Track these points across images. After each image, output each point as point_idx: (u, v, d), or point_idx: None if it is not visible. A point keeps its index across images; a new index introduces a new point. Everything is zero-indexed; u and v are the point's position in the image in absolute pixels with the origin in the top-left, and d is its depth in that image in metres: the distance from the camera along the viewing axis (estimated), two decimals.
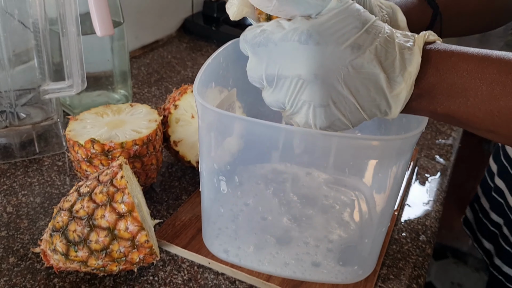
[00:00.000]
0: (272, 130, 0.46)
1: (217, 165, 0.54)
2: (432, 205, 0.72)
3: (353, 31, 0.40)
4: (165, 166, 0.74)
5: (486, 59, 0.39)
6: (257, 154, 0.64)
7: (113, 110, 0.67)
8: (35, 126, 0.73)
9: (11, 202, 0.65)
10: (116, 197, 0.51)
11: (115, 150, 0.59)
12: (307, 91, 0.41)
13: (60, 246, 0.51)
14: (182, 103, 0.68)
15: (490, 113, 0.39)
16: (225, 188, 0.54)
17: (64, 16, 0.65)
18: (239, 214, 0.59)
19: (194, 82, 0.51)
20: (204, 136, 0.52)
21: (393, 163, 0.49)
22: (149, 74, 1.04)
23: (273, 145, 0.49)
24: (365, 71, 0.40)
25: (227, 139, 0.55)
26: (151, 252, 0.52)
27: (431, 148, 0.86)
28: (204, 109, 0.48)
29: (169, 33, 1.24)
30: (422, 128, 0.46)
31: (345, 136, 0.44)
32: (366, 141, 0.47)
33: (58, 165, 0.73)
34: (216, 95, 0.59)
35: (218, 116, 0.49)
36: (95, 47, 0.82)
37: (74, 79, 0.68)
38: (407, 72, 0.40)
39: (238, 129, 0.50)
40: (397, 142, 0.46)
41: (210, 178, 0.54)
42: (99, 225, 0.50)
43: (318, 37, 0.39)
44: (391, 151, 0.47)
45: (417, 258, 0.62)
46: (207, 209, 0.58)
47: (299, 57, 0.40)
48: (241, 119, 0.49)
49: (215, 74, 0.58)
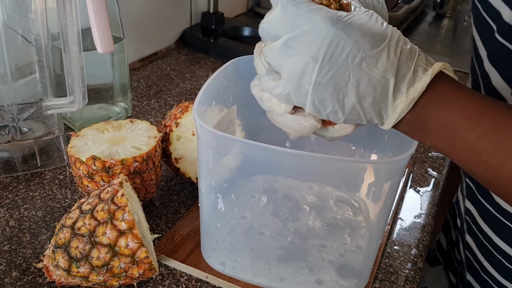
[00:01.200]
0: (268, 152, 0.48)
1: (214, 183, 0.55)
2: (424, 218, 0.74)
3: (378, 33, 0.41)
4: (164, 180, 0.76)
5: (483, 112, 0.40)
6: (254, 171, 0.66)
7: (114, 126, 0.69)
8: (37, 140, 0.75)
9: (13, 216, 0.67)
10: (117, 214, 0.52)
11: (116, 167, 0.61)
12: (310, 71, 0.41)
13: (63, 262, 0.52)
14: (184, 121, 0.69)
15: (471, 162, 0.41)
16: (222, 206, 0.56)
17: (66, 34, 0.67)
18: (236, 227, 0.61)
19: (194, 103, 0.53)
20: (203, 154, 0.54)
21: (384, 181, 0.51)
22: (148, 87, 1.06)
23: (269, 165, 0.51)
24: (377, 72, 0.40)
25: (225, 157, 0.57)
26: (150, 268, 0.54)
27: (423, 161, 0.87)
28: (203, 130, 0.50)
29: (168, 45, 1.26)
30: (412, 152, 0.47)
31: (338, 159, 0.46)
32: (359, 163, 0.49)
33: (59, 178, 0.75)
34: (216, 113, 0.61)
35: (215, 137, 0.51)
36: (95, 62, 0.84)
37: (76, 95, 0.70)
38: (413, 88, 0.41)
39: (235, 149, 0.52)
40: (387, 164, 0.48)
41: (208, 194, 0.56)
42: (100, 242, 0.52)
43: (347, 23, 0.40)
44: (382, 172, 0.49)
45: (409, 272, 0.64)
46: (205, 224, 0.59)
47: (319, 35, 0.40)
48: (238, 141, 0.51)
49: (216, 92, 0.60)
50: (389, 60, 0.40)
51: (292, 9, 0.42)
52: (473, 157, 0.41)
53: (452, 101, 0.41)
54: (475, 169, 0.42)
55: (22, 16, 0.68)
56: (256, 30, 1.52)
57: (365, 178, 0.50)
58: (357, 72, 0.40)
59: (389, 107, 0.42)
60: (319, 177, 0.62)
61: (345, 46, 0.40)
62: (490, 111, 0.41)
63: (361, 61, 0.40)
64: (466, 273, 0.71)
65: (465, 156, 0.42)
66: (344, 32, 0.40)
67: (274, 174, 0.67)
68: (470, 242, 0.67)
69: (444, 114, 0.41)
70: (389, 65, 0.40)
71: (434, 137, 0.42)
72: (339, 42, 0.40)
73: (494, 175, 0.41)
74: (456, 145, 0.41)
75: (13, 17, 0.67)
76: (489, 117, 0.40)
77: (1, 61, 0.69)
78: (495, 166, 0.40)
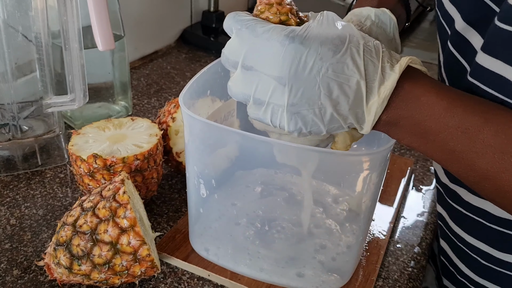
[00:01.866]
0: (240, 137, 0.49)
1: (197, 168, 0.56)
2: (427, 216, 0.74)
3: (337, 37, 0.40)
4: (165, 179, 0.76)
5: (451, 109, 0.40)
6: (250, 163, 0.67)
7: (115, 124, 0.68)
8: (37, 139, 0.74)
9: (14, 214, 0.66)
10: (119, 212, 0.52)
11: (117, 165, 0.61)
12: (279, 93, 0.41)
13: (64, 260, 0.52)
14: (179, 115, 0.69)
15: (445, 160, 0.42)
16: (204, 191, 0.57)
17: (67, 32, 0.66)
18: (224, 214, 0.62)
19: (183, 90, 0.54)
20: (188, 141, 0.55)
21: (370, 173, 0.51)
22: (148, 85, 1.05)
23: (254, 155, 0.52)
24: (344, 77, 0.40)
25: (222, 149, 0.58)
26: (152, 265, 0.54)
27: (426, 160, 0.87)
28: (187, 117, 0.52)
29: (168, 43, 1.25)
30: (391, 144, 0.48)
31: (320, 150, 0.47)
32: (343, 156, 0.50)
33: (60, 177, 0.74)
34: (208, 104, 0.62)
35: (198, 124, 0.52)
36: (96, 60, 0.84)
37: (77, 93, 0.70)
38: (383, 86, 0.40)
39: (227, 139, 0.53)
40: (367, 157, 0.49)
41: (192, 180, 0.57)
42: (102, 240, 0.51)
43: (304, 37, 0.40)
44: (363, 164, 0.50)
45: (412, 270, 0.63)
46: (192, 209, 0.60)
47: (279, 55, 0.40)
48: (222, 129, 0.52)
49: (212, 82, 0.60)
50: (354, 63, 0.40)
51: (247, 33, 0.42)
52: (446, 156, 0.41)
53: (420, 99, 0.41)
54: (450, 167, 0.43)
55: (22, 14, 0.67)
56: None
57: (351, 170, 0.51)
58: (326, 81, 0.40)
59: (365, 110, 0.41)
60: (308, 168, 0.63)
61: (307, 59, 0.40)
62: (459, 109, 0.40)
63: (327, 70, 0.40)
64: (443, 278, 0.71)
65: (439, 155, 0.42)
66: (303, 46, 0.40)
67: (271, 167, 0.67)
68: (445, 247, 0.67)
69: (414, 114, 0.41)
70: (355, 68, 0.40)
71: (408, 136, 0.42)
72: (301, 57, 0.40)
73: (467, 173, 0.41)
74: (429, 144, 0.42)
75: (14, 15, 0.67)
76: (457, 114, 0.40)
77: (2, 59, 0.68)
78: (467, 165, 0.41)
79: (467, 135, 0.40)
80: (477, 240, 0.58)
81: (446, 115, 0.40)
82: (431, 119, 0.41)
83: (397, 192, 0.76)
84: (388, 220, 0.70)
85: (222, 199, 0.62)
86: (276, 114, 0.42)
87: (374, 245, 0.65)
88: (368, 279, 0.59)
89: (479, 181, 0.41)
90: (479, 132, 0.39)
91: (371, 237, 0.67)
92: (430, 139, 0.41)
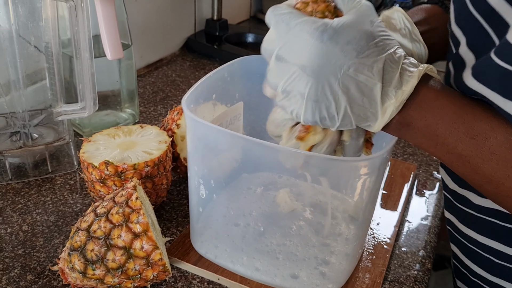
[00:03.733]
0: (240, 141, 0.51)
1: (197, 167, 0.58)
2: (431, 220, 0.75)
3: (363, 38, 0.42)
4: (173, 185, 0.77)
5: (461, 115, 0.43)
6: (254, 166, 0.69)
7: (124, 132, 0.70)
8: (48, 146, 0.76)
9: (26, 220, 0.68)
10: (132, 217, 0.53)
11: (128, 172, 0.62)
12: (303, 83, 0.43)
13: (78, 265, 0.53)
14: (183, 121, 0.71)
15: (452, 162, 0.44)
16: (203, 192, 0.59)
17: (78, 41, 0.68)
18: (223, 216, 0.63)
19: (187, 92, 0.56)
20: (190, 143, 0.57)
21: (364, 178, 0.52)
22: (154, 93, 1.07)
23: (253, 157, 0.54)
24: (364, 77, 0.42)
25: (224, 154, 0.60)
26: (164, 270, 0.55)
27: (429, 164, 0.88)
28: (189, 119, 0.54)
29: (173, 51, 1.27)
30: (387, 150, 0.50)
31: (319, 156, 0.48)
32: (340, 162, 0.51)
33: (70, 183, 0.76)
34: (209, 108, 0.64)
35: (200, 127, 0.54)
36: (103, 68, 0.85)
37: (87, 101, 0.71)
38: (401, 91, 0.43)
39: (228, 143, 0.55)
40: (364, 162, 0.51)
41: (192, 180, 0.59)
42: (116, 245, 0.53)
43: (333, 33, 0.42)
44: (360, 170, 0.52)
45: (418, 273, 0.64)
46: (193, 209, 0.62)
47: (307, 47, 0.42)
48: (218, 130, 0.53)
49: (217, 87, 0.62)
50: (375, 66, 0.42)
51: (283, 26, 0.44)
52: (453, 159, 0.44)
53: (434, 103, 0.44)
54: (456, 169, 0.45)
55: (34, 25, 0.69)
56: (259, 36, 1.53)
57: (351, 175, 0.53)
58: (346, 78, 0.42)
59: (379, 110, 0.43)
60: None
61: (333, 55, 0.42)
62: (468, 115, 0.43)
63: (349, 68, 0.42)
64: (456, 280, 0.72)
65: (447, 157, 0.45)
66: (331, 42, 0.42)
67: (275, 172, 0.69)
68: (455, 250, 0.69)
69: (426, 116, 0.44)
70: (375, 71, 0.42)
71: (418, 137, 0.45)
72: (326, 52, 0.42)
73: (472, 176, 0.44)
74: (438, 147, 0.44)
75: (26, 25, 0.68)
76: (466, 121, 0.42)
77: (14, 68, 0.70)
78: (472, 169, 0.43)
79: (474, 141, 0.42)
80: (490, 239, 0.60)
81: (457, 120, 0.43)
82: (442, 123, 0.43)
83: (401, 197, 0.78)
84: (393, 224, 0.72)
85: (223, 200, 0.64)
86: (296, 103, 0.44)
87: (380, 249, 0.66)
88: (374, 282, 0.61)
89: (482, 184, 0.44)
90: (485, 139, 0.42)
91: (377, 240, 0.68)
92: (439, 142, 0.44)
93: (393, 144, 0.51)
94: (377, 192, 0.56)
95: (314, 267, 0.59)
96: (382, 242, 0.68)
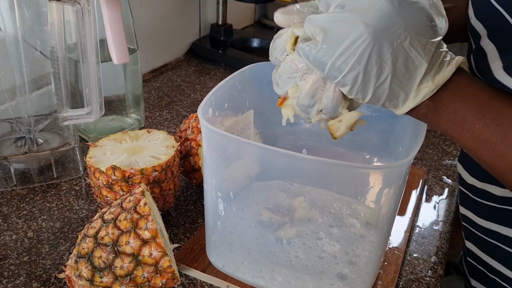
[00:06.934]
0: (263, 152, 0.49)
1: (215, 180, 0.57)
2: (442, 226, 0.74)
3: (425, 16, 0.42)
4: (180, 190, 0.76)
5: (490, 103, 0.43)
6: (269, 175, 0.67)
7: (131, 137, 0.69)
8: (53, 151, 0.75)
9: (31, 227, 0.67)
10: (140, 223, 0.52)
11: (135, 177, 0.61)
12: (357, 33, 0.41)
13: (86, 272, 0.52)
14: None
15: (476, 149, 0.44)
16: (222, 205, 0.57)
17: (85, 46, 0.67)
18: (236, 228, 0.62)
19: (201, 103, 0.54)
20: (206, 154, 0.55)
21: (386, 186, 0.51)
22: (159, 98, 1.06)
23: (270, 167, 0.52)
24: (415, 54, 0.42)
25: (241, 162, 0.58)
26: (173, 277, 0.54)
27: (438, 169, 0.87)
28: (205, 129, 0.52)
29: (178, 56, 1.26)
30: (411, 158, 0.48)
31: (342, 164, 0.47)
32: (361, 169, 0.51)
33: (75, 189, 0.75)
34: (226, 117, 0.62)
35: (217, 137, 0.52)
36: (109, 73, 0.85)
37: (93, 106, 0.70)
38: (439, 75, 0.43)
39: (249, 155, 0.53)
40: (388, 170, 0.50)
41: (209, 193, 0.58)
42: (124, 251, 0.52)
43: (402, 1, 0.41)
44: (383, 177, 0.50)
45: (430, 279, 0.63)
46: (209, 222, 0.60)
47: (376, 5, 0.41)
48: (236, 140, 0.52)
49: (229, 96, 0.61)
50: (428, 47, 0.42)
51: None
52: (478, 145, 0.44)
53: (466, 89, 0.44)
54: (480, 156, 0.45)
55: (40, 29, 0.68)
56: (263, 41, 1.52)
57: (369, 183, 0.51)
58: (399, 49, 0.42)
59: (413, 91, 0.43)
60: (323, 183, 0.63)
61: (396, 22, 0.41)
62: (497, 103, 0.43)
63: (405, 39, 0.41)
64: (471, 279, 0.71)
65: (472, 143, 0.44)
66: (400, 8, 0.41)
67: (288, 179, 0.68)
68: (471, 247, 0.68)
69: (457, 101, 0.44)
70: (427, 51, 0.42)
71: (445, 123, 0.45)
72: (391, 17, 0.41)
73: (495, 163, 0.44)
74: (464, 132, 0.44)
75: (32, 30, 0.68)
76: (494, 109, 0.43)
77: (19, 72, 0.69)
78: (496, 156, 0.43)
79: (500, 128, 0.42)
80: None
81: (485, 107, 0.43)
82: (471, 109, 0.43)
83: (411, 202, 0.77)
84: (403, 229, 0.70)
85: (238, 211, 0.62)
86: (343, 57, 0.42)
87: (391, 255, 0.65)
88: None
89: (506, 172, 0.44)
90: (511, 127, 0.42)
91: (388, 247, 0.67)
92: (466, 128, 0.44)
93: (417, 151, 0.49)
94: (398, 201, 0.54)
95: (337, 278, 0.58)
96: (393, 248, 0.67)
